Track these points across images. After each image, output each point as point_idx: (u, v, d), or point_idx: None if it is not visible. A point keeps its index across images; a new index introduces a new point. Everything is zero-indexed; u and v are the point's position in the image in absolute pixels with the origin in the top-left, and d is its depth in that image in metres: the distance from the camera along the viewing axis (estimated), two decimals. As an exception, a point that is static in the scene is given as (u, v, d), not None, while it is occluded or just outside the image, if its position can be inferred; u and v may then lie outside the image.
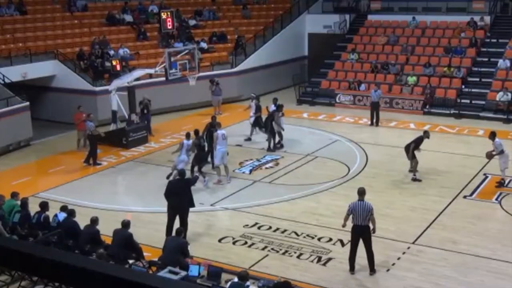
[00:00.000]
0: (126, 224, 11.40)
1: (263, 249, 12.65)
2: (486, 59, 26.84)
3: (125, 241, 11.19)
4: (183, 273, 9.62)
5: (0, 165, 19.32)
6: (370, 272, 11.44)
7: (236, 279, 9.41)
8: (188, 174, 15.59)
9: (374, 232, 11.45)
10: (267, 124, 20.16)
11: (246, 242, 13.03)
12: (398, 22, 30.53)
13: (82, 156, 20.10)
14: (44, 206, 12.42)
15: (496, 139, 16.27)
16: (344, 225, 11.73)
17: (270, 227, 13.76)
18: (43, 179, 18.27)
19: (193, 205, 13.11)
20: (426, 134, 17.22)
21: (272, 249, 12.64)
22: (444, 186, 16.37)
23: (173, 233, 12.67)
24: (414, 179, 16.81)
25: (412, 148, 16.84)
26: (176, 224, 12.64)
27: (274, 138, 20.04)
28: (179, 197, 12.77)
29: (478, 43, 27.60)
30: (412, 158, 16.91)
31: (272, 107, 20.57)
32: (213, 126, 17.86)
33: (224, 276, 10.24)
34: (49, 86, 24.90)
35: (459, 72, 26.10)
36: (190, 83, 21.46)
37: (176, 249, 10.72)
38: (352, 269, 11.52)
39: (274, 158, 19.25)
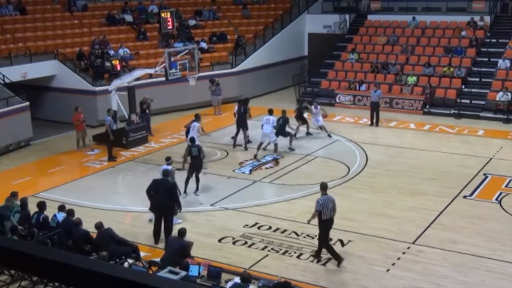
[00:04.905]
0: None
1: (263, 249, 12.65)
2: (486, 59, 26.83)
3: (108, 237, 11.27)
4: (183, 273, 9.61)
5: (0, 165, 19.33)
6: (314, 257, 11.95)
7: (237, 280, 9.40)
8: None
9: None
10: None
11: (246, 242, 13.02)
12: (398, 22, 30.52)
13: (82, 156, 20.13)
14: (42, 206, 12.42)
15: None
16: (310, 221, 12.04)
17: (270, 227, 13.75)
18: (43, 179, 18.26)
19: (179, 209, 13.18)
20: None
21: (272, 249, 12.63)
22: (444, 186, 16.35)
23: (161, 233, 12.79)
24: (290, 149, 19.65)
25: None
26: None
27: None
28: (161, 197, 12.78)
29: (478, 43, 27.60)
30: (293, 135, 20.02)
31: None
32: (245, 103, 20.69)
33: (224, 276, 10.25)
34: (49, 86, 24.90)
35: (460, 71, 26.11)
36: (190, 83, 21.44)
37: (179, 251, 10.68)
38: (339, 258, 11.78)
39: (274, 158, 19.25)
